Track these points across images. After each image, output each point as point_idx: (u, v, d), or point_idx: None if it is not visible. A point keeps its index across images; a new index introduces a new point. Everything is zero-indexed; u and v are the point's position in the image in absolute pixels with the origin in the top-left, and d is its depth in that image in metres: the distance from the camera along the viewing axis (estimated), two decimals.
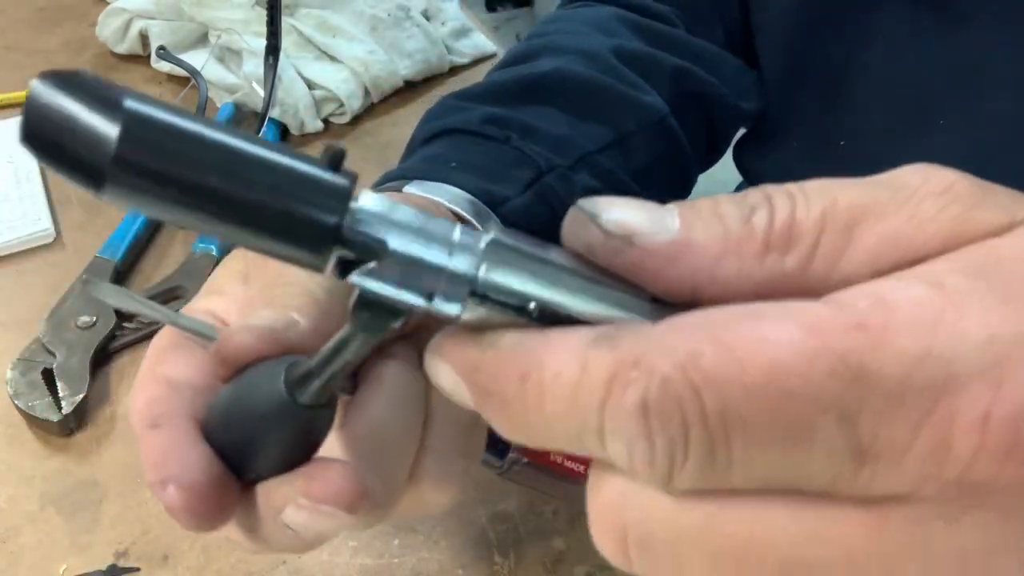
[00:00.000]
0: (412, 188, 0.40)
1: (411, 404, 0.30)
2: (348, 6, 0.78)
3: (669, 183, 0.53)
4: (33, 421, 0.51)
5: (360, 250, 0.21)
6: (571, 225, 0.21)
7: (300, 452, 0.28)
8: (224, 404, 0.29)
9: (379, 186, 0.42)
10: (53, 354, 0.53)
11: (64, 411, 0.50)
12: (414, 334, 0.32)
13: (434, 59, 0.79)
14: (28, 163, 0.69)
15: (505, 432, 0.21)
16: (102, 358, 0.55)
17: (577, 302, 0.21)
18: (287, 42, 0.74)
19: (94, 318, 0.56)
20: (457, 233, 0.21)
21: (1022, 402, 0.17)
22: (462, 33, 0.83)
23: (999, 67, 0.44)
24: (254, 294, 0.32)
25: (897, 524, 0.18)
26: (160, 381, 0.30)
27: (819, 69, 0.53)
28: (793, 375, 0.18)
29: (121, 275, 0.60)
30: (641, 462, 0.19)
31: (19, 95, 0.77)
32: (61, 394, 0.51)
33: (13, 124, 0.73)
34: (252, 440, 0.28)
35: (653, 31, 0.55)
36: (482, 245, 0.21)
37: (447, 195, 0.40)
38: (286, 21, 0.74)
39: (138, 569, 0.45)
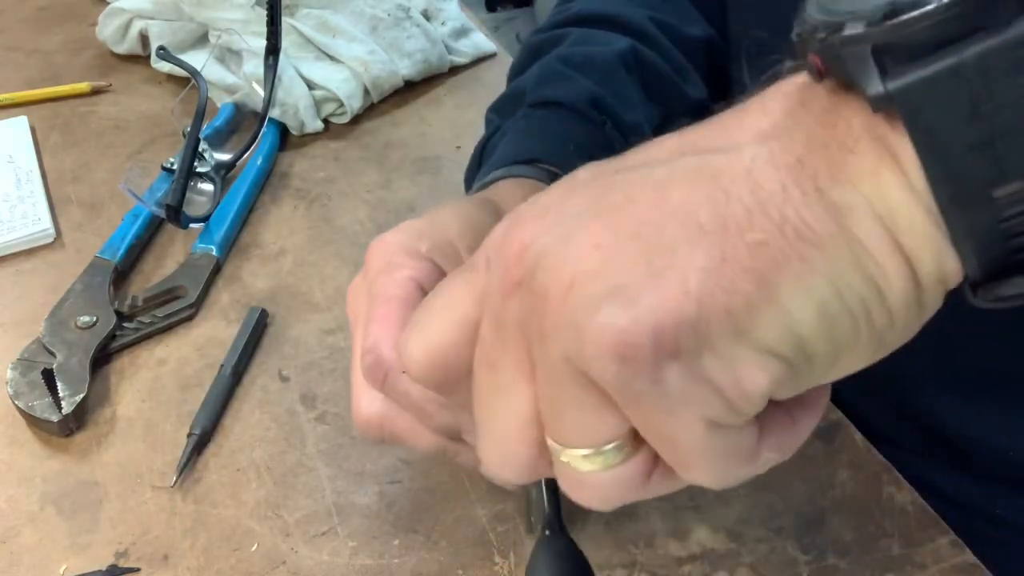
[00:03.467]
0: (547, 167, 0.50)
1: None
2: (348, 6, 0.78)
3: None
4: (33, 421, 0.51)
5: None
6: None
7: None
8: None
9: (517, 160, 0.50)
10: (53, 354, 0.53)
11: (64, 411, 0.50)
12: None
13: (434, 59, 0.79)
14: (28, 163, 0.69)
15: None
16: (102, 358, 0.55)
17: None
18: (287, 42, 0.74)
19: (94, 318, 0.56)
20: None
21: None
22: (462, 33, 0.83)
23: None
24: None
25: None
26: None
27: None
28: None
29: (121, 275, 0.60)
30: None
31: (19, 95, 0.77)
32: (61, 394, 0.51)
33: (13, 124, 0.73)
34: None
35: None
36: None
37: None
38: (286, 21, 0.74)
39: (138, 569, 0.45)
